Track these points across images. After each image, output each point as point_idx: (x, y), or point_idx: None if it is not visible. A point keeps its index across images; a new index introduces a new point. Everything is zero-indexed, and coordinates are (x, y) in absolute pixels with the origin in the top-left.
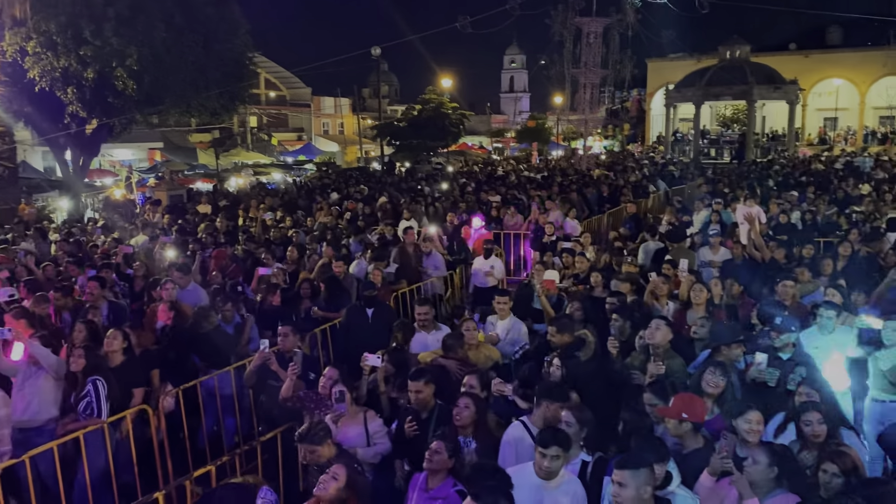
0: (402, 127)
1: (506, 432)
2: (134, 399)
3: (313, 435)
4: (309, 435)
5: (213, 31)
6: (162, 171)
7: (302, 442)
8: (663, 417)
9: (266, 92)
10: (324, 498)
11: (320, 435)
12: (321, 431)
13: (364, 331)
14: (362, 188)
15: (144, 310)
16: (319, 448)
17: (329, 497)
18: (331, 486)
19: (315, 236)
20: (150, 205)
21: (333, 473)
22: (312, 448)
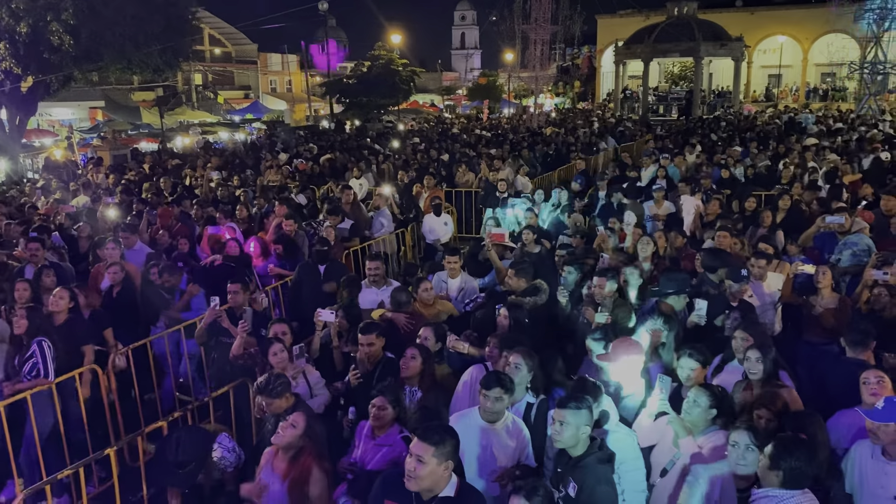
0: (352, 84)
1: (465, 373)
2: (86, 357)
3: (272, 388)
4: (268, 388)
5: None
6: (104, 131)
7: (261, 394)
8: (605, 362)
9: (210, 48)
10: (282, 445)
11: (279, 389)
12: (280, 385)
13: (316, 287)
14: (311, 147)
15: (89, 270)
16: (278, 401)
17: (287, 444)
18: (289, 434)
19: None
20: (92, 165)
21: (293, 421)
22: (270, 401)
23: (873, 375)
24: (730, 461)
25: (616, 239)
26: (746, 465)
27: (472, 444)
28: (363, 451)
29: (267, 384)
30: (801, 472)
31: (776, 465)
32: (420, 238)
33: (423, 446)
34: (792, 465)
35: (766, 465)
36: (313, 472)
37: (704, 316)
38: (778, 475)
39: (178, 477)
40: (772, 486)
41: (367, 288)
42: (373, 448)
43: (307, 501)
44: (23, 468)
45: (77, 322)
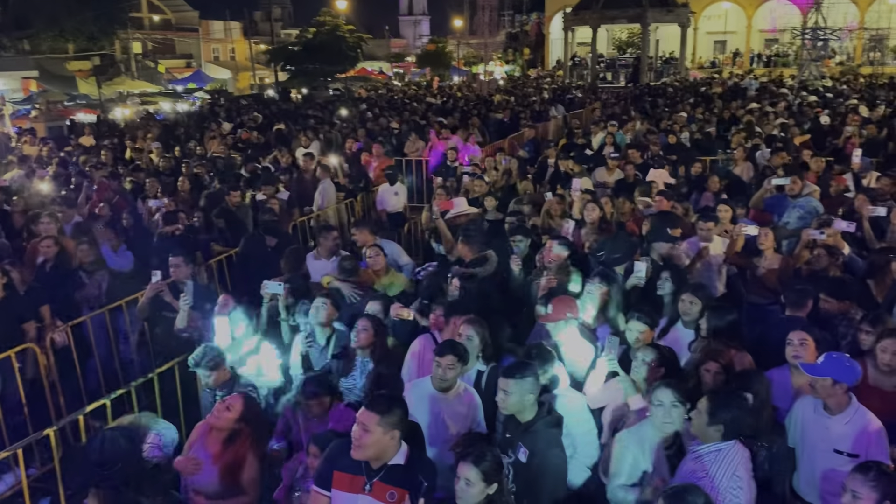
0: (297, 51)
1: (411, 345)
2: (28, 335)
3: (208, 360)
4: (203, 360)
5: None
6: (38, 102)
7: (197, 367)
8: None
9: (149, 16)
10: (217, 427)
11: (216, 359)
12: (216, 356)
13: (263, 259)
14: (256, 116)
15: (24, 246)
16: (215, 373)
17: (222, 427)
18: (224, 417)
19: (208, 166)
20: (26, 136)
21: (228, 404)
22: (208, 373)
23: (797, 337)
24: (654, 421)
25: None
26: (672, 422)
27: (423, 412)
28: (305, 431)
29: (202, 357)
30: (741, 422)
31: (716, 420)
32: (370, 208)
33: (368, 415)
34: (732, 416)
35: (704, 421)
36: (247, 458)
37: (643, 278)
38: (718, 429)
39: (101, 477)
40: (712, 440)
41: (316, 259)
42: (316, 425)
43: (238, 486)
44: None
45: (13, 300)
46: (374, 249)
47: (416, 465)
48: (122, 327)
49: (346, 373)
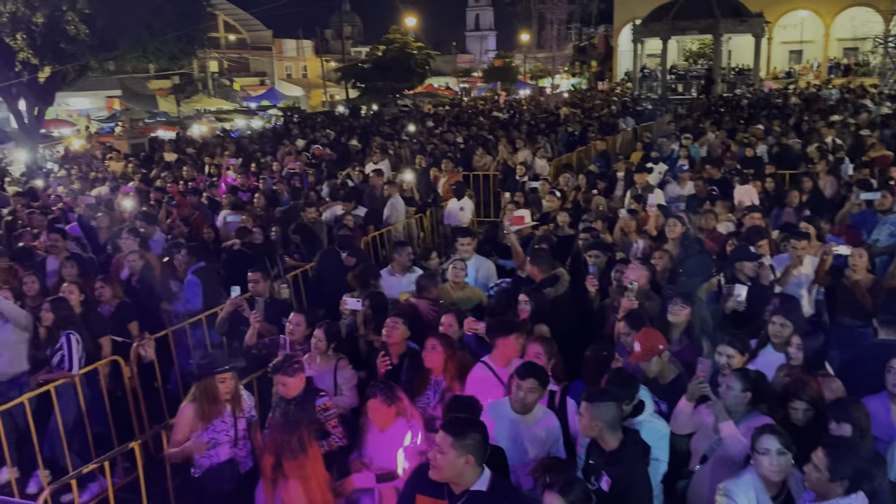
0: (367, 69)
1: (469, 374)
2: (103, 350)
3: (287, 367)
4: (283, 366)
5: None
6: (121, 120)
7: (275, 373)
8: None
9: (225, 35)
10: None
11: (294, 367)
12: (294, 364)
13: (339, 274)
14: (328, 132)
15: (109, 261)
16: (291, 380)
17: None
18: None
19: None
20: (110, 154)
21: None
22: (285, 380)
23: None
24: (760, 469)
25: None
26: (780, 470)
27: (502, 434)
28: (372, 445)
29: (282, 363)
30: (866, 474)
31: (839, 475)
32: (438, 223)
33: (443, 437)
34: (857, 469)
35: (824, 478)
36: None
37: (744, 301)
38: (842, 484)
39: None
40: (835, 496)
41: (390, 276)
42: (384, 442)
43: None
44: (48, 460)
45: (90, 314)
46: (459, 263)
47: (499, 492)
48: (202, 341)
49: (420, 393)
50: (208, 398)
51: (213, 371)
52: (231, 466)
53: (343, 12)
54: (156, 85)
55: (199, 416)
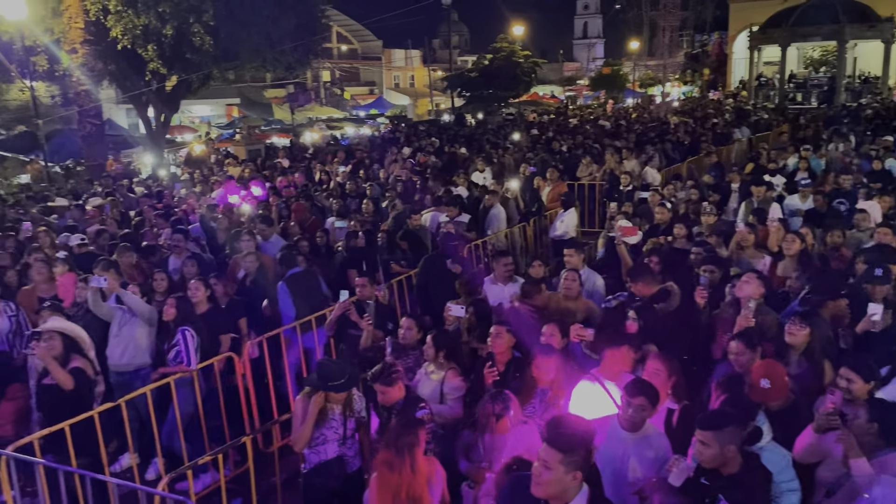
0: (473, 77)
1: (576, 387)
2: (222, 346)
3: (386, 376)
4: (382, 376)
5: None
6: (239, 127)
7: (374, 382)
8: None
9: (338, 46)
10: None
11: (392, 377)
12: (393, 374)
13: (443, 281)
14: (433, 141)
15: (227, 261)
16: (390, 389)
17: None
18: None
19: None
20: (228, 159)
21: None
22: (384, 389)
23: None
24: None
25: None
26: None
27: (607, 451)
28: (488, 450)
29: (381, 372)
30: None
31: None
32: (542, 233)
33: (551, 452)
34: None
35: None
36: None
37: (880, 321)
38: None
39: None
40: None
41: (493, 284)
42: (499, 445)
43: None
44: (164, 448)
45: (215, 312)
46: (572, 274)
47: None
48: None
49: (526, 402)
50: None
51: (327, 388)
52: (338, 464)
53: (451, 22)
54: (272, 94)
55: (313, 413)
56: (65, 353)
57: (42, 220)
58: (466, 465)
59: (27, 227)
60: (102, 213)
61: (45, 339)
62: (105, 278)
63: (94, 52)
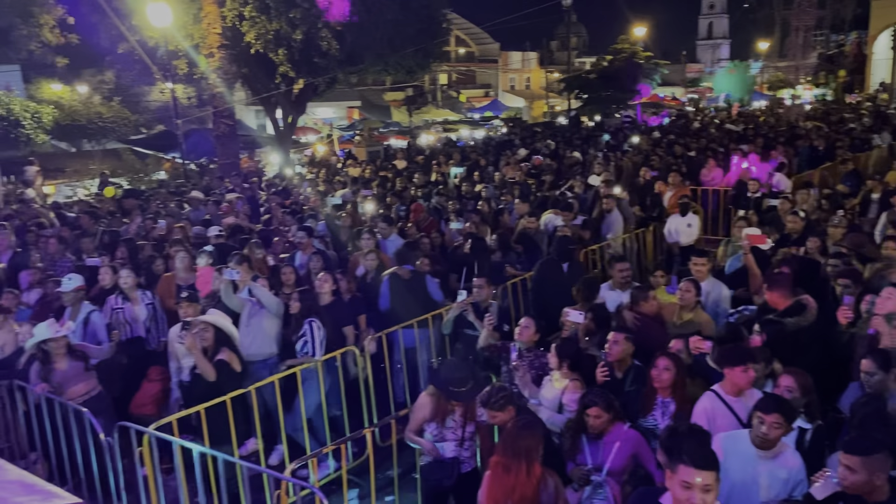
0: (592, 79)
1: (698, 402)
2: (347, 339)
3: (494, 402)
4: (490, 401)
5: None
6: (360, 129)
7: (484, 407)
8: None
9: (456, 49)
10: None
11: (500, 402)
12: (502, 399)
13: (559, 285)
14: (549, 143)
15: (348, 258)
16: (500, 414)
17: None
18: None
19: (505, 191)
20: (350, 160)
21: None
22: (493, 414)
23: None
24: None
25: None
26: None
27: (736, 469)
28: (591, 453)
29: (489, 398)
30: None
31: None
32: (661, 239)
33: (692, 472)
34: None
35: None
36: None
37: None
38: None
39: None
40: None
41: (610, 290)
42: (603, 447)
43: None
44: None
45: (339, 305)
46: (688, 284)
47: None
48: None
49: (646, 413)
50: (443, 400)
51: (449, 393)
52: (453, 464)
53: (570, 23)
54: (390, 96)
55: (433, 411)
56: (215, 346)
57: (180, 215)
58: (572, 467)
59: (163, 224)
60: (234, 208)
61: (198, 330)
62: (238, 271)
63: (228, 56)
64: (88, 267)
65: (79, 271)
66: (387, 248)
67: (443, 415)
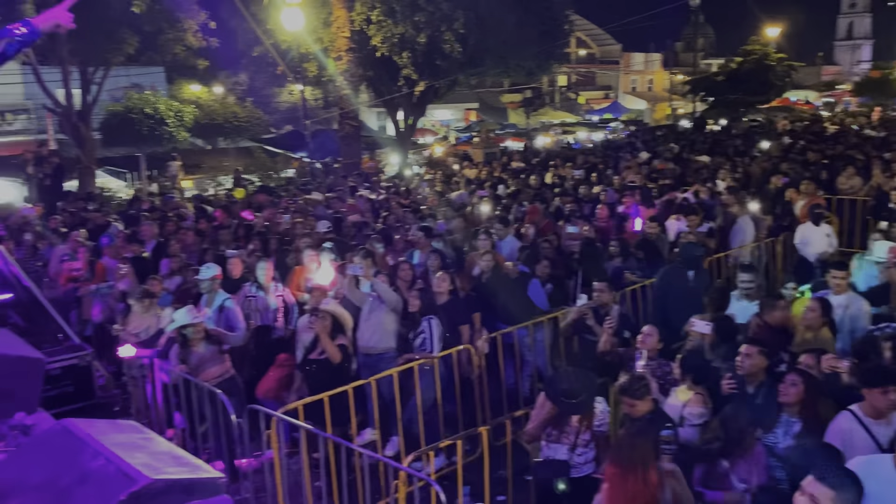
0: (719, 81)
1: (832, 422)
2: (463, 336)
3: (635, 389)
4: (630, 388)
5: None
6: (476, 131)
7: (623, 394)
8: None
9: (576, 50)
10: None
11: (641, 390)
12: (642, 387)
13: (684, 294)
14: (672, 147)
15: (463, 257)
16: (639, 402)
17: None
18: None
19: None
20: (466, 161)
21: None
22: (633, 402)
23: None
24: None
25: None
26: None
27: (879, 497)
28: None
29: (629, 385)
30: None
31: None
32: (792, 249)
33: (821, 489)
34: None
35: None
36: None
37: None
38: None
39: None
40: None
41: (738, 301)
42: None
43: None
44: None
45: (456, 304)
46: (815, 303)
47: None
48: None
49: (769, 429)
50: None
51: (559, 403)
52: (564, 466)
53: (697, 24)
54: (507, 98)
55: (549, 415)
56: (333, 332)
57: (309, 212)
58: (720, 495)
59: (287, 218)
60: (357, 206)
61: (321, 317)
62: (361, 267)
63: (355, 59)
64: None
65: (217, 261)
66: (502, 249)
67: (559, 419)
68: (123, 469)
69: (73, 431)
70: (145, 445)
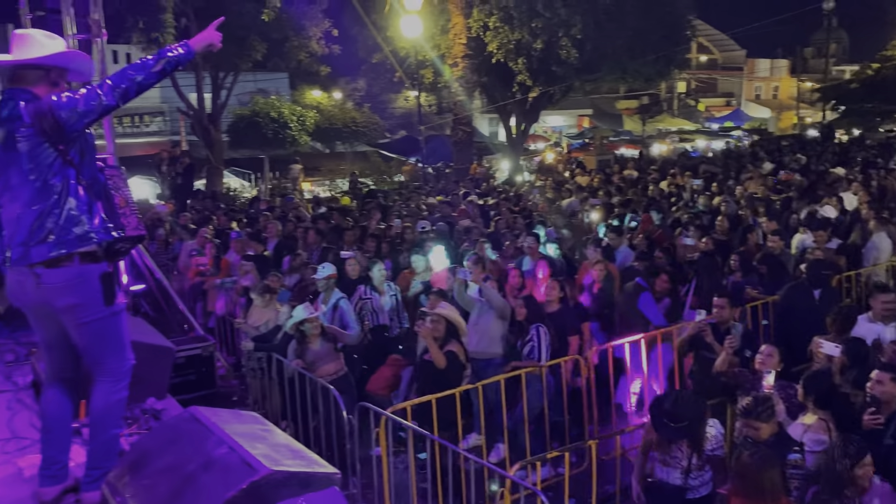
0: (853, 89)
1: None
2: (570, 347)
3: (760, 412)
4: (755, 410)
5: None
6: (590, 137)
7: (746, 417)
8: None
9: (697, 56)
10: None
11: (767, 412)
12: (768, 409)
13: (810, 313)
14: (799, 157)
15: (576, 266)
16: (764, 425)
17: None
18: None
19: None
20: (578, 168)
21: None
22: (757, 425)
23: None
24: None
25: None
26: None
27: None
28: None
29: (754, 406)
30: None
31: None
32: None
33: None
34: None
35: None
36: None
37: None
38: None
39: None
40: None
41: (869, 322)
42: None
43: None
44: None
45: (564, 312)
46: None
47: None
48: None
49: None
50: None
51: (659, 427)
52: (679, 492)
53: (830, 28)
54: (623, 105)
55: (652, 438)
56: (446, 336)
57: (417, 216)
58: None
59: (398, 223)
60: (467, 211)
61: (432, 321)
62: (471, 271)
63: (471, 65)
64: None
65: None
66: (615, 259)
67: (662, 443)
68: (246, 458)
69: (199, 419)
70: (265, 437)
